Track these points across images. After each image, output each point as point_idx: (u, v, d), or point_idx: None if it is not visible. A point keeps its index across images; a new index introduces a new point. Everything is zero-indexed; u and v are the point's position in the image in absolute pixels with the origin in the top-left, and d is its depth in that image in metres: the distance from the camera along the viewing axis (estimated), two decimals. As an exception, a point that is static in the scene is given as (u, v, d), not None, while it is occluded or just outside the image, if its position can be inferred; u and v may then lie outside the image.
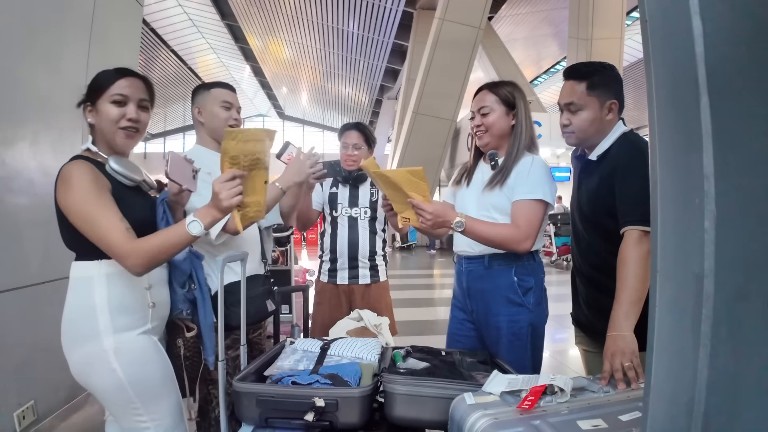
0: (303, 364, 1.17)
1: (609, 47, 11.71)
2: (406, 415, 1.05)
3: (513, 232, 1.28)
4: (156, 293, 1.17)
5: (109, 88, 1.11)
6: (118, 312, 1.09)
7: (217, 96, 1.51)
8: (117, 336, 1.08)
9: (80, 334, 1.08)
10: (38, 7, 1.78)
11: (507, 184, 1.33)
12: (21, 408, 1.66)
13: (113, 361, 1.07)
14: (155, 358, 1.14)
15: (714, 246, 0.41)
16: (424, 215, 1.20)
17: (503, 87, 1.41)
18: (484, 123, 1.38)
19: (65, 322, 1.10)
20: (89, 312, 1.07)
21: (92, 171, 1.06)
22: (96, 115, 1.12)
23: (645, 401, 0.49)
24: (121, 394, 1.08)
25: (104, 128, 1.12)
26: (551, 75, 18.13)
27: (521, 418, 0.84)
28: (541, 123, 11.19)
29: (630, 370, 1.01)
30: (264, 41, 16.67)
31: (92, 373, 1.08)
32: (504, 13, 13.73)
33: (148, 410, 1.10)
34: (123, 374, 1.07)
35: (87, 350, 1.07)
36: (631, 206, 1.14)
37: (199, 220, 1.05)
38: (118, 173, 1.11)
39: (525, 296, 1.33)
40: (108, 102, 1.11)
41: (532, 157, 1.36)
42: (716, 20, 0.41)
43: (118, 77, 1.13)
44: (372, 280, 1.99)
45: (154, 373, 1.13)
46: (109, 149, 1.15)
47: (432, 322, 4.44)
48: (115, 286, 1.09)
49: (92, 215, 1.03)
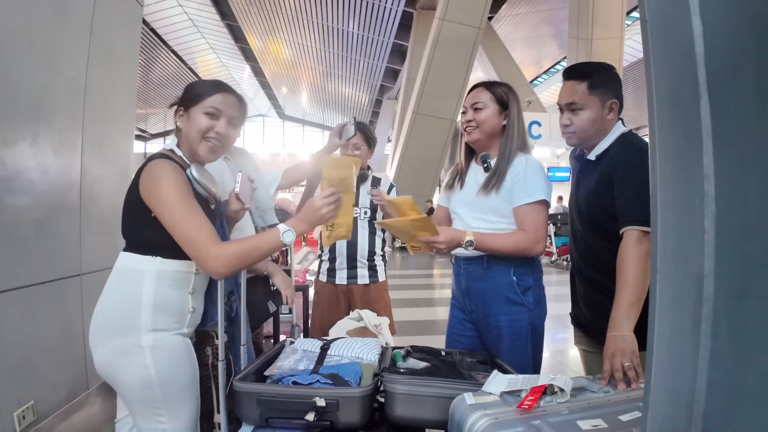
0: (303, 364, 1.17)
1: (609, 47, 11.71)
2: (407, 415, 1.05)
3: (523, 239, 1.29)
4: (196, 299, 1.18)
5: (205, 99, 1.14)
6: (161, 311, 1.09)
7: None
8: (156, 334, 1.08)
9: (118, 326, 1.07)
10: (38, 7, 1.78)
11: (503, 187, 1.33)
12: (21, 408, 1.66)
13: (148, 356, 1.06)
14: (187, 361, 1.15)
15: (714, 246, 0.41)
16: (439, 246, 1.24)
17: (499, 86, 1.41)
18: (476, 119, 1.38)
19: (103, 311, 1.10)
20: (133, 305, 1.07)
21: (181, 172, 1.09)
22: (186, 121, 1.15)
23: (645, 401, 0.49)
24: (148, 392, 1.08)
25: (191, 135, 1.15)
26: (551, 75, 18.13)
27: (521, 418, 0.84)
28: (541, 123, 11.22)
29: (630, 370, 1.01)
30: (264, 41, 16.67)
31: (123, 366, 1.07)
32: (504, 13, 13.73)
33: (170, 412, 1.10)
34: (155, 371, 1.07)
35: (121, 343, 1.07)
36: (630, 206, 1.14)
37: (293, 230, 1.09)
38: (197, 182, 1.13)
39: (524, 295, 1.33)
40: (201, 112, 1.14)
41: (525, 158, 1.36)
42: (716, 20, 0.41)
43: (216, 91, 1.16)
44: (371, 280, 1.99)
45: (183, 375, 1.13)
46: (190, 156, 1.17)
47: (432, 322, 4.44)
48: (163, 284, 1.09)
49: (185, 213, 1.04)
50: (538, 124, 11.22)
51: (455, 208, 1.46)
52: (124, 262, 1.10)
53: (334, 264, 1.98)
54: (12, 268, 1.70)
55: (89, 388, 1.92)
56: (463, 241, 1.25)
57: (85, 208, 1.95)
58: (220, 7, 14.87)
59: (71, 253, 1.90)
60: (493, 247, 1.29)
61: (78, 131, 1.99)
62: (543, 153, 11.74)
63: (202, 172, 1.14)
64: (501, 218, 1.34)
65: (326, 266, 2.01)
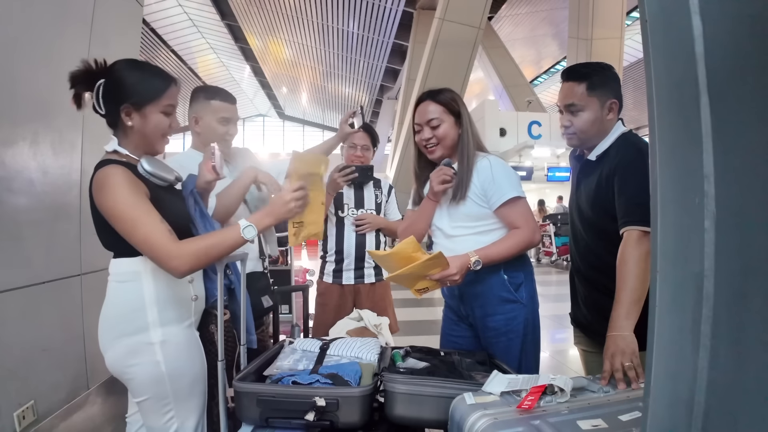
0: (302, 363, 1.17)
1: (609, 47, 11.71)
2: (407, 415, 1.05)
3: (522, 235, 1.29)
4: (197, 286, 1.19)
5: (161, 97, 1.10)
6: (166, 305, 1.10)
7: (217, 110, 1.50)
8: (164, 329, 1.09)
9: (127, 329, 1.07)
10: (38, 7, 1.78)
11: (472, 191, 1.32)
12: (21, 408, 1.66)
13: (158, 352, 1.07)
14: (195, 354, 1.15)
15: (714, 246, 0.41)
16: (453, 278, 1.21)
17: (444, 94, 1.39)
18: (436, 135, 1.36)
19: (109, 318, 1.09)
20: (138, 306, 1.07)
21: (128, 175, 1.05)
22: (141, 121, 1.09)
23: (645, 401, 0.49)
24: (159, 387, 1.09)
25: (149, 135, 1.11)
26: (551, 75, 18.14)
27: (521, 418, 0.84)
28: (541, 123, 11.22)
29: (630, 370, 1.01)
30: (264, 41, 16.67)
31: (135, 364, 1.08)
32: (504, 13, 13.74)
33: (178, 406, 1.11)
34: (165, 367, 1.08)
35: (132, 342, 1.07)
36: (630, 206, 1.14)
37: (254, 225, 1.07)
38: (152, 175, 1.10)
39: (517, 292, 1.33)
40: (158, 111, 1.10)
41: (488, 159, 1.34)
42: (716, 20, 0.41)
43: (167, 86, 1.11)
44: (377, 279, 2.00)
45: (192, 369, 1.14)
46: (141, 151, 1.13)
47: (432, 322, 4.44)
48: (162, 280, 1.09)
49: (133, 218, 1.02)
50: (538, 124, 11.22)
51: (434, 223, 1.43)
52: (119, 268, 1.10)
53: (341, 265, 1.98)
54: (12, 268, 1.70)
55: (89, 388, 1.92)
56: (471, 264, 1.23)
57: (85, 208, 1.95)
58: (220, 7, 14.87)
59: (71, 253, 1.90)
60: (501, 256, 1.28)
61: (78, 131, 1.99)
62: (543, 153, 11.73)
63: (153, 163, 1.11)
64: (478, 221, 1.34)
65: (332, 267, 2.01)
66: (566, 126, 1.30)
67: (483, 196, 1.32)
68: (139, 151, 1.12)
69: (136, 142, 1.11)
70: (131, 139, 1.11)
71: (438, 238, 1.43)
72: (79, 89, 1.08)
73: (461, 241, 1.35)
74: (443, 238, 1.40)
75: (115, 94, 1.07)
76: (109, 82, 1.07)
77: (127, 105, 1.07)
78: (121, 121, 1.09)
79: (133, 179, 1.05)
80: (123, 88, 1.07)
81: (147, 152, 1.14)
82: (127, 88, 1.07)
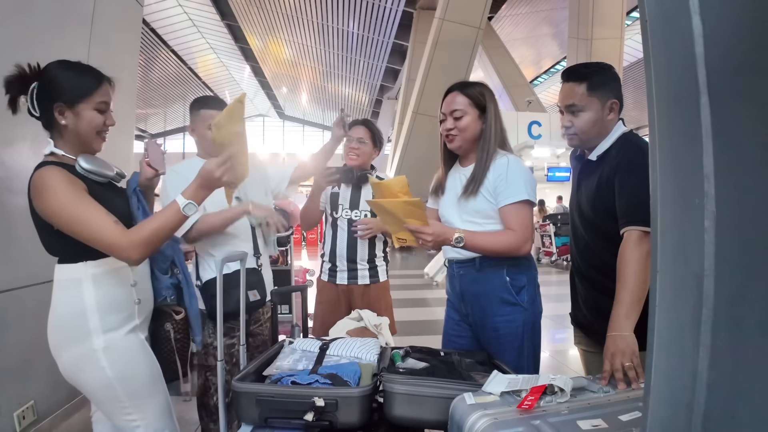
0: (302, 363, 1.17)
1: (609, 47, 11.72)
2: (406, 415, 1.05)
3: (511, 239, 1.29)
4: (141, 289, 1.19)
5: (93, 94, 1.10)
6: (108, 311, 1.10)
7: (205, 118, 1.56)
8: (107, 335, 1.10)
9: (71, 336, 1.09)
10: (38, 7, 1.78)
11: (485, 186, 1.32)
12: (21, 408, 1.66)
13: (102, 359, 1.08)
14: (142, 357, 1.16)
15: (714, 246, 0.41)
16: (425, 237, 1.23)
17: (474, 87, 1.39)
18: (457, 126, 1.36)
19: (54, 325, 1.10)
20: (79, 313, 1.08)
21: (65, 174, 1.05)
22: (74, 119, 1.10)
23: (645, 401, 0.49)
24: (110, 392, 1.10)
25: (83, 133, 1.11)
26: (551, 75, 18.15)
27: (521, 418, 0.84)
28: (541, 123, 11.22)
29: (630, 370, 1.01)
30: (264, 41, 16.68)
31: (82, 371, 1.10)
32: (504, 13, 13.75)
33: (138, 409, 1.12)
34: (111, 372, 1.09)
35: (77, 350, 1.09)
36: (631, 206, 1.14)
37: (193, 201, 1.08)
38: (90, 172, 1.11)
39: (519, 295, 1.32)
40: (91, 109, 1.10)
41: (507, 158, 1.34)
42: (716, 20, 0.41)
43: (99, 82, 1.12)
44: (371, 281, 1.98)
45: (141, 371, 1.15)
46: (78, 150, 1.13)
47: (431, 322, 4.43)
48: (103, 285, 1.10)
49: (79, 215, 1.02)
50: (538, 124, 11.22)
51: (443, 214, 1.45)
52: (61, 275, 1.11)
53: (335, 266, 1.98)
54: (12, 268, 1.70)
55: (89, 388, 1.91)
56: (452, 238, 1.24)
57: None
58: (220, 7, 14.87)
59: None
60: (483, 246, 1.28)
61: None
62: (543, 153, 11.74)
63: (90, 161, 1.11)
64: (487, 219, 1.34)
65: (327, 266, 2.01)
66: (567, 126, 1.30)
67: (493, 192, 1.32)
68: (76, 151, 1.13)
69: (73, 141, 1.12)
70: (67, 140, 1.12)
71: None
72: (14, 93, 1.08)
73: None
74: None
75: (48, 94, 1.08)
76: (42, 83, 1.08)
77: (60, 104, 1.08)
78: (55, 121, 1.09)
79: (71, 178, 1.06)
80: (55, 88, 1.08)
81: (84, 151, 1.14)
82: (60, 87, 1.08)
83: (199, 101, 1.61)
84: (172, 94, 19.64)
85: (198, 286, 1.54)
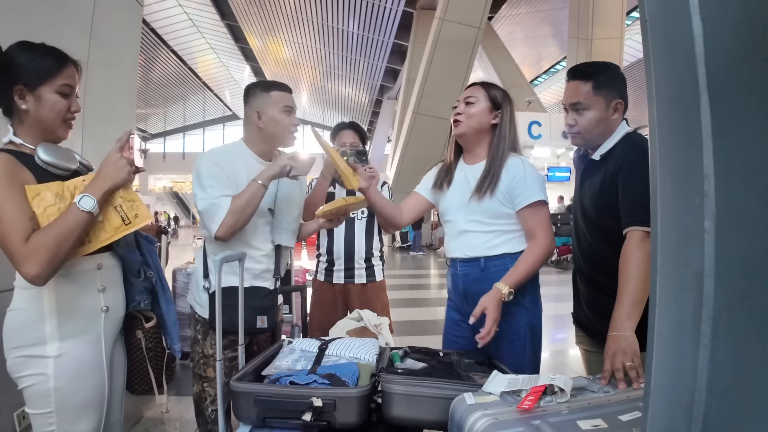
0: (301, 363, 1.17)
1: (609, 47, 11.72)
2: (404, 415, 1.04)
3: (540, 249, 1.30)
4: (110, 295, 1.11)
5: (55, 76, 1.02)
6: (68, 318, 1.03)
7: (278, 100, 1.44)
8: (63, 342, 1.02)
9: (24, 339, 1.01)
10: (38, 6, 1.78)
11: (499, 188, 1.32)
12: (21, 408, 1.65)
13: (50, 366, 1.01)
14: (91, 375, 1.07)
15: (714, 246, 0.41)
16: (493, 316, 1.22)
17: (495, 88, 1.41)
18: (466, 111, 1.37)
19: (9, 326, 1.02)
20: (36, 318, 1.01)
21: (7, 164, 0.96)
22: (35, 103, 1.01)
23: (645, 401, 0.49)
24: (43, 401, 1.02)
25: (46, 118, 1.03)
26: (551, 75, 18.16)
27: (521, 418, 0.84)
28: (541, 123, 11.22)
29: (631, 370, 1.01)
30: (264, 41, 16.68)
31: (24, 375, 1.02)
32: (504, 13, 13.75)
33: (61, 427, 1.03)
34: (53, 383, 1.01)
35: (27, 353, 1.01)
36: (634, 206, 1.14)
37: (90, 194, 0.99)
38: (49, 164, 1.02)
39: (521, 296, 1.32)
40: (53, 92, 1.02)
41: (520, 159, 1.35)
42: (716, 20, 0.41)
43: (63, 64, 1.04)
44: (368, 280, 1.98)
45: (84, 390, 1.06)
46: (42, 139, 1.05)
47: (430, 322, 4.44)
48: (65, 289, 1.02)
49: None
50: (538, 124, 11.22)
51: (447, 215, 1.43)
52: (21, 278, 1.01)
53: (332, 266, 1.97)
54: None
55: (89, 388, 1.91)
56: (504, 297, 1.24)
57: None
58: (220, 7, 14.88)
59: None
60: (526, 276, 1.28)
61: (78, 131, 1.98)
62: (543, 153, 11.74)
63: (51, 152, 1.03)
64: (495, 219, 1.34)
65: (324, 266, 2.01)
66: (571, 125, 1.30)
67: (508, 194, 1.32)
68: (39, 139, 1.04)
69: (35, 129, 1.04)
70: (29, 127, 1.03)
71: (449, 230, 1.43)
72: None
73: (472, 237, 1.35)
74: (454, 234, 1.40)
75: (7, 76, 1.00)
76: (1, 65, 1.00)
77: (20, 86, 1.00)
78: (15, 105, 1.01)
79: (12, 169, 0.96)
80: (15, 69, 1.00)
81: (48, 139, 1.05)
82: (19, 69, 1.00)
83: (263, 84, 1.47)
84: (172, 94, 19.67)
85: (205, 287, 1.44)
